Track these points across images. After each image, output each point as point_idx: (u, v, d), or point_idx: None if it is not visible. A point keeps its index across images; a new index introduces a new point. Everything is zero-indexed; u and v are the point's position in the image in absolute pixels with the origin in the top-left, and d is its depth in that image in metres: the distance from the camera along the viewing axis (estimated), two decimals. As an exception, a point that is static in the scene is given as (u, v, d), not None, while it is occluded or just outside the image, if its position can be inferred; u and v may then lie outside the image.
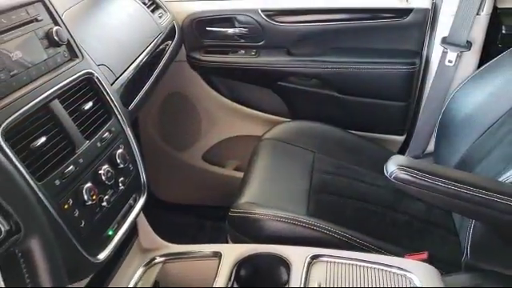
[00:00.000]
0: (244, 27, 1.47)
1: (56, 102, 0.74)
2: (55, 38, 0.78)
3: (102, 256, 0.73)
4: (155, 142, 1.65)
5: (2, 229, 0.44)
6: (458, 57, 1.28)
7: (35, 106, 0.69)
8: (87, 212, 0.72)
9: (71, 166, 0.71)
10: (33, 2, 0.77)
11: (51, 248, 0.48)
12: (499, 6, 1.31)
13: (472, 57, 1.30)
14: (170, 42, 1.38)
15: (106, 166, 0.78)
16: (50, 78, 0.75)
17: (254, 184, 1.15)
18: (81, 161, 0.74)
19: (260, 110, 1.56)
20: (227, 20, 1.48)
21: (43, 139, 0.68)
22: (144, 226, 0.98)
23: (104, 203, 0.76)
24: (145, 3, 1.33)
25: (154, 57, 1.25)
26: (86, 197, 0.71)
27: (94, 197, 0.73)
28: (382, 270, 0.83)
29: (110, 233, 0.77)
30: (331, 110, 1.49)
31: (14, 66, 0.69)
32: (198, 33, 1.49)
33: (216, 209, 1.38)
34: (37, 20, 0.76)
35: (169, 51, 1.35)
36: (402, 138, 1.49)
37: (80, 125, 0.77)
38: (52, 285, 0.48)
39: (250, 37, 1.48)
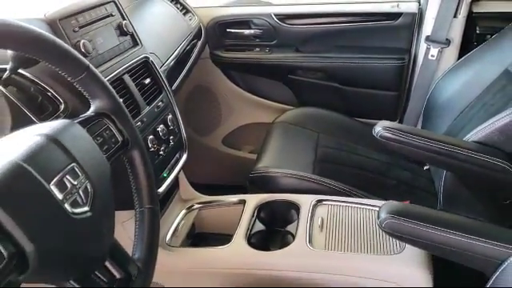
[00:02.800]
0: (259, 29, 1.73)
1: (127, 76, 0.99)
2: (124, 29, 1.03)
3: (160, 190, 0.98)
4: (181, 129, 1.90)
5: (120, 138, 0.69)
6: (440, 52, 1.53)
7: (114, 77, 0.94)
8: (150, 156, 0.97)
9: (139, 123, 0.96)
10: (108, 2, 1.03)
11: (146, 159, 0.73)
12: (474, 10, 1.55)
13: (451, 52, 1.55)
14: (197, 40, 1.64)
15: (161, 126, 1.03)
16: (122, 58, 1.00)
17: (269, 155, 1.39)
18: (144, 119, 0.99)
19: (272, 100, 1.82)
20: (245, 23, 1.74)
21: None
22: (183, 181, 1.22)
23: (161, 152, 1.01)
24: (178, 8, 1.60)
25: (186, 52, 1.51)
26: (149, 144, 0.96)
27: (155, 146, 0.98)
28: (369, 209, 1.07)
29: (165, 175, 1.02)
30: (333, 99, 1.73)
31: (99, 47, 0.94)
32: (219, 33, 1.75)
33: (234, 188, 1.62)
34: (111, 15, 1.02)
35: (197, 48, 1.61)
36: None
37: (142, 94, 1.02)
38: (147, 184, 0.72)
39: (264, 37, 1.73)
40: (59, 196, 0.51)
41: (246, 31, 1.74)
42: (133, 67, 1.02)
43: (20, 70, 0.79)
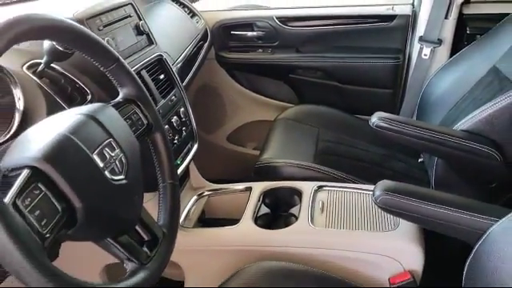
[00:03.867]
0: (261, 31, 1.83)
1: (144, 71, 1.08)
2: (141, 28, 1.13)
3: (175, 175, 1.07)
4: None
5: (145, 121, 0.78)
6: (432, 51, 1.63)
7: (134, 72, 1.03)
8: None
9: (155, 113, 1.06)
10: (126, 4, 1.13)
11: (167, 141, 0.82)
12: (465, 12, 1.65)
13: (443, 51, 1.64)
14: (203, 42, 1.74)
15: (175, 117, 1.13)
16: (139, 56, 1.09)
17: (273, 148, 1.48)
18: (160, 111, 1.08)
19: (274, 98, 1.92)
20: (248, 25, 1.84)
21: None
22: (194, 170, 1.32)
23: (175, 141, 1.10)
24: (185, 11, 1.70)
25: (194, 53, 1.61)
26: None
27: (170, 135, 1.07)
28: (366, 193, 1.15)
29: (178, 162, 1.11)
30: (332, 96, 1.83)
31: (120, 44, 1.04)
32: (224, 35, 1.85)
33: (239, 182, 1.71)
34: (130, 16, 1.12)
35: (203, 49, 1.71)
36: (390, 120, 1.83)
37: (158, 88, 1.12)
38: (168, 162, 0.81)
39: (266, 38, 1.83)
40: (100, 164, 0.61)
41: (250, 33, 1.84)
42: (149, 64, 1.12)
43: (52, 64, 0.88)
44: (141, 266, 0.65)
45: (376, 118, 1.15)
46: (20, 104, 0.77)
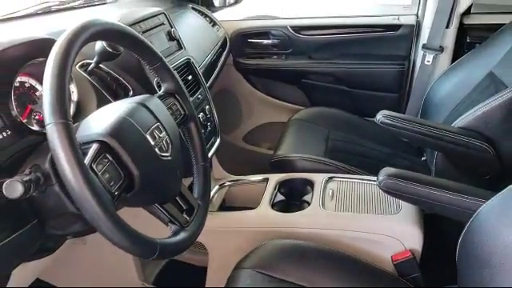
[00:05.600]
0: (276, 39, 1.98)
1: (175, 72, 1.22)
2: (172, 35, 1.28)
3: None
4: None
5: (182, 112, 0.92)
6: (434, 58, 1.76)
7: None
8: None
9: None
10: (160, 13, 1.28)
11: (200, 129, 0.96)
12: (465, 22, 1.79)
13: (445, 58, 1.77)
14: (222, 49, 1.89)
15: (201, 114, 1.27)
16: (171, 59, 1.24)
17: (287, 144, 1.61)
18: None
19: (287, 102, 2.06)
20: (264, 34, 1.99)
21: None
22: (216, 163, 1.45)
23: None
24: (207, 20, 1.85)
25: (215, 59, 1.75)
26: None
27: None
28: (372, 183, 1.28)
29: (204, 153, 1.25)
30: (342, 100, 1.96)
31: (155, 48, 1.18)
32: (242, 43, 2.00)
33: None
34: (163, 24, 1.27)
35: (223, 56, 1.86)
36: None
37: (186, 87, 1.26)
38: (201, 147, 0.94)
39: (280, 46, 1.98)
40: (152, 142, 0.75)
41: (265, 41, 1.99)
42: (179, 66, 1.26)
43: (100, 65, 1.03)
44: (181, 228, 0.79)
45: (381, 116, 1.28)
46: (74, 96, 0.92)
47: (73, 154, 0.59)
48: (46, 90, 0.62)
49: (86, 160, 0.65)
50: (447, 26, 1.73)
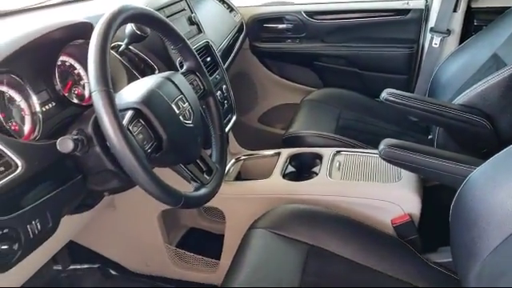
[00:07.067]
0: (291, 23, 2.08)
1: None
2: (193, 20, 1.40)
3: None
4: (223, 109, 2.26)
5: (202, 87, 1.04)
6: (442, 41, 1.83)
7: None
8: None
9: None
10: (181, 0, 1.39)
11: (218, 104, 1.08)
12: (473, 5, 1.85)
13: (452, 40, 1.84)
14: (239, 33, 1.99)
15: (219, 92, 1.38)
16: (191, 41, 1.35)
17: (299, 122, 1.72)
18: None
19: (301, 83, 2.17)
20: (279, 19, 2.09)
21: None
22: (232, 139, 1.57)
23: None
24: (225, 6, 1.96)
25: (232, 43, 1.86)
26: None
27: (215, 105, 1.33)
28: (376, 156, 1.37)
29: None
30: (353, 81, 2.06)
31: (178, 32, 1.30)
32: (258, 28, 2.11)
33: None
34: (184, 10, 1.39)
35: (239, 40, 1.97)
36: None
37: (206, 68, 1.37)
38: (219, 119, 1.06)
39: (294, 30, 2.08)
40: (177, 111, 0.87)
41: (280, 26, 2.09)
42: (198, 48, 1.38)
43: (130, 46, 1.15)
44: (202, 185, 0.91)
45: (385, 93, 1.38)
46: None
47: (114, 116, 0.72)
48: (90, 64, 0.74)
49: (124, 122, 0.77)
50: (455, 10, 1.79)
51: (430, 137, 1.77)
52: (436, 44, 1.83)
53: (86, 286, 1.50)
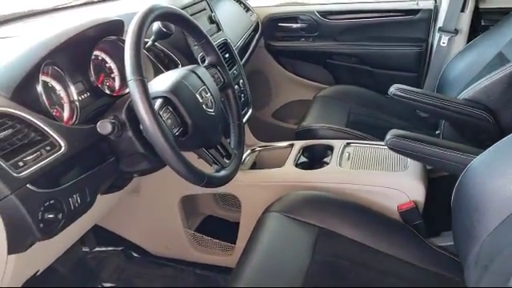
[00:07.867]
0: (304, 23, 2.16)
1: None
2: (213, 19, 1.49)
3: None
4: (239, 105, 2.36)
5: (222, 80, 1.13)
6: (449, 40, 1.90)
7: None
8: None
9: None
10: (202, 0, 1.49)
11: (236, 95, 1.17)
12: (481, 6, 1.92)
13: (460, 40, 1.91)
14: (255, 32, 2.09)
15: (236, 86, 1.47)
16: (212, 38, 1.44)
17: (311, 116, 1.80)
18: (228, 79, 1.43)
19: (314, 81, 2.25)
20: (293, 18, 2.18)
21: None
22: (248, 131, 1.67)
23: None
24: (241, 6, 2.05)
25: (248, 41, 1.95)
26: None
27: (233, 98, 1.43)
28: (384, 148, 1.44)
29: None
30: (364, 79, 2.14)
31: (199, 30, 1.40)
32: (273, 27, 2.20)
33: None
34: (205, 9, 1.48)
35: (255, 38, 2.06)
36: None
37: (226, 63, 1.47)
38: (236, 109, 1.15)
39: (308, 29, 2.16)
40: (200, 100, 0.96)
41: (294, 25, 2.18)
42: (218, 45, 1.47)
43: (156, 43, 1.25)
44: (221, 168, 1.01)
45: (393, 88, 1.46)
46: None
47: (148, 102, 0.81)
48: (127, 56, 0.84)
49: (155, 108, 0.87)
50: (462, 10, 1.86)
51: (437, 132, 1.84)
52: (444, 43, 1.90)
53: (110, 267, 1.61)
